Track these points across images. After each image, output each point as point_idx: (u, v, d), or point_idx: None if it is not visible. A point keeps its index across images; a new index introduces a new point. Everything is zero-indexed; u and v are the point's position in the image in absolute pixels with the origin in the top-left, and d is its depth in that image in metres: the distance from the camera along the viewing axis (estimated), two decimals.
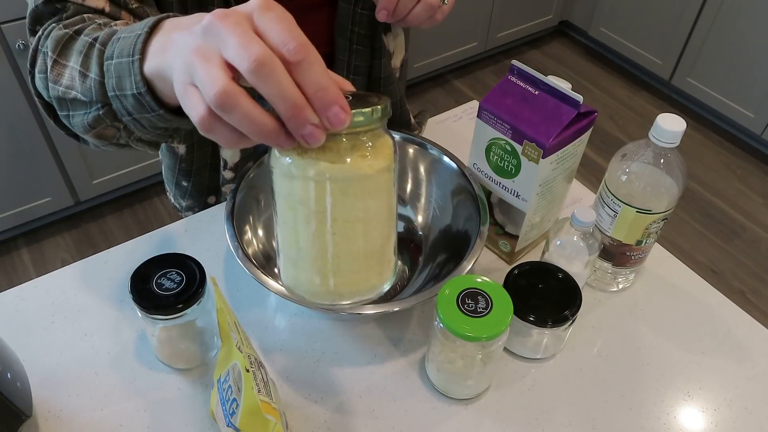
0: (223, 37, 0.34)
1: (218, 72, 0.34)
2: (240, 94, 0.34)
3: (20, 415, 0.57)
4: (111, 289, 0.74)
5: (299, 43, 0.34)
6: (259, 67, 0.33)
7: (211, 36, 0.35)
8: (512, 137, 0.68)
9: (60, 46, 0.55)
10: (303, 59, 0.34)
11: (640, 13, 2.49)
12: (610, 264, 0.75)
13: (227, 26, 0.34)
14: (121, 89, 0.47)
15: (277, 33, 0.34)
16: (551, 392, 0.67)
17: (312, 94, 0.34)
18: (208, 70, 0.34)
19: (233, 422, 0.54)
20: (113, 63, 0.47)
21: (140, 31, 0.45)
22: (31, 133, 1.68)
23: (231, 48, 0.34)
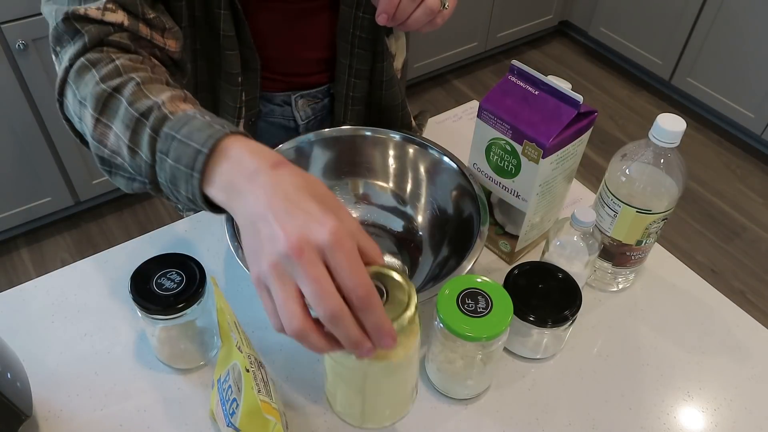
0: (299, 274, 0.40)
1: (295, 308, 0.41)
2: (311, 332, 0.41)
3: (20, 415, 0.57)
4: (111, 289, 0.74)
5: (365, 292, 0.41)
6: (333, 319, 0.40)
7: (288, 264, 0.41)
8: (512, 137, 0.68)
9: (101, 105, 0.55)
10: (366, 306, 0.41)
11: (640, 13, 2.49)
12: (610, 264, 0.75)
13: (304, 267, 0.40)
14: (175, 185, 0.50)
15: (347, 276, 0.41)
16: (551, 392, 0.67)
17: (371, 331, 0.42)
18: (287, 302, 0.41)
19: (233, 422, 0.54)
20: (169, 163, 0.50)
21: (200, 146, 0.47)
22: (31, 133, 1.68)
23: (308, 292, 0.40)
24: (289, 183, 0.44)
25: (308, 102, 0.88)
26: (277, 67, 0.83)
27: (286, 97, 0.87)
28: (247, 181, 0.45)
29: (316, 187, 0.45)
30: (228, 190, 0.47)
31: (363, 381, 0.51)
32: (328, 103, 0.90)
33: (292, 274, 0.41)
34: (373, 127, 0.82)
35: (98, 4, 0.60)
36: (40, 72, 1.60)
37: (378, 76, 0.84)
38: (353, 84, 0.84)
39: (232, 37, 0.73)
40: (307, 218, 0.42)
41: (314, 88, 0.87)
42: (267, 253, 0.42)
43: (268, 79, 0.83)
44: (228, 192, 0.47)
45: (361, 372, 0.49)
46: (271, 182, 0.44)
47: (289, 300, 0.41)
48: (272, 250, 0.41)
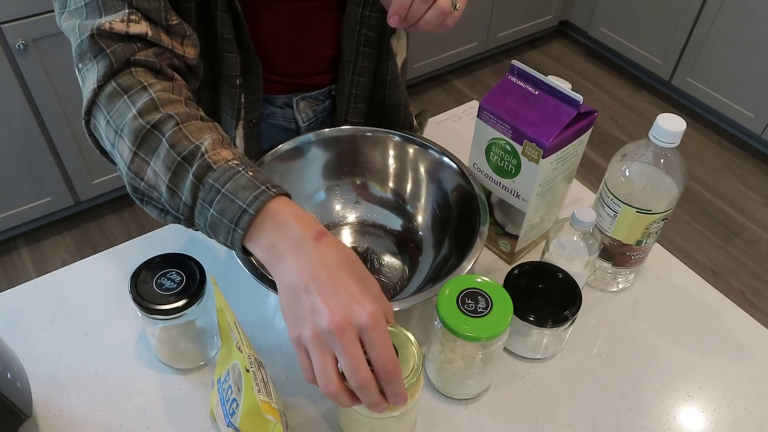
0: (339, 349, 0.47)
1: (333, 375, 0.48)
2: (342, 394, 0.48)
3: (20, 415, 0.57)
4: (111, 289, 0.74)
5: (393, 367, 0.48)
6: (362, 388, 0.48)
7: (330, 338, 0.47)
8: (512, 137, 0.68)
9: (139, 140, 0.56)
10: (392, 378, 0.49)
11: (640, 13, 2.50)
12: (610, 264, 0.75)
13: (344, 344, 0.47)
14: (214, 231, 0.54)
15: (379, 354, 0.48)
16: (551, 392, 0.67)
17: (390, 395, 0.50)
18: (325, 369, 0.48)
19: (233, 422, 0.54)
20: (212, 213, 0.53)
21: (246, 206, 0.51)
22: (31, 133, 1.68)
23: (345, 365, 0.47)
24: (331, 259, 0.50)
25: (310, 104, 0.88)
26: (281, 69, 0.83)
27: (288, 99, 0.87)
28: (291, 249, 0.50)
29: (353, 264, 0.51)
30: (270, 252, 0.51)
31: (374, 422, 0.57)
32: (329, 105, 0.90)
33: (332, 346, 0.47)
34: (374, 126, 0.82)
35: (121, 16, 0.59)
36: (40, 72, 1.60)
37: (382, 75, 0.84)
38: (357, 82, 0.83)
39: (230, 39, 0.73)
40: (350, 299, 0.48)
41: (316, 89, 0.87)
42: (310, 323, 0.48)
43: (271, 81, 0.83)
44: (270, 254, 0.51)
45: (372, 417, 0.56)
46: (316, 255, 0.50)
47: (327, 367, 0.48)
48: (316, 321, 0.47)
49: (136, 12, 0.60)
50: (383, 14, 0.78)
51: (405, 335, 0.56)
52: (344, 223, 0.82)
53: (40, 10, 1.52)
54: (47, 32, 1.55)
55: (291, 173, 0.79)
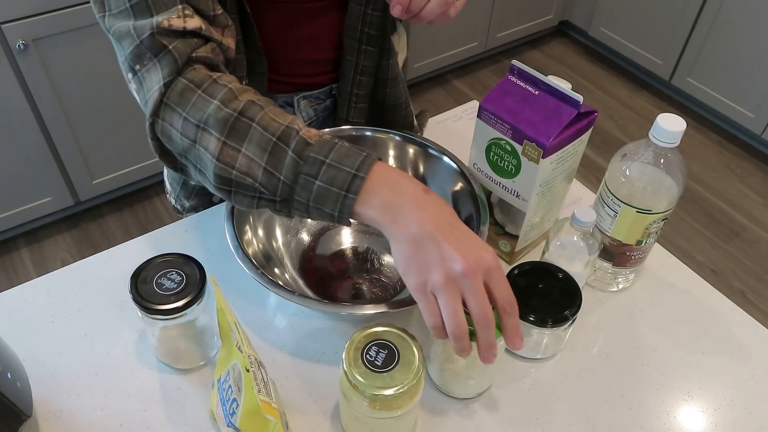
0: (471, 289, 0.51)
1: (463, 317, 0.52)
2: (466, 335, 0.52)
3: (20, 415, 0.57)
4: (111, 289, 0.74)
5: (515, 302, 0.54)
6: (486, 325, 0.52)
7: (462, 280, 0.51)
8: (512, 137, 0.68)
9: (228, 128, 0.57)
10: (514, 312, 0.54)
11: (640, 13, 2.50)
12: (610, 264, 0.75)
13: (476, 285, 0.51)
14: (320, 204, 0.56)
15: (504, 291, 0.53)
16: (551, 392, 0.67)
17: (510, 330, 0.54)
18: (456, 310, 0.51)
19: (233, 422, 0.54)
20: (318, 185, 0.55)
21: (355, 171, 0.54)
22: (31, 133, 1.68)
23: (474, 304, 0.52)
24: (448, 212, 0.55)
25: (311, 103, 0.88)
26: (283, 69, 0.83)
27: (289, 99, 0.87)
28: (409, 203, 0.54)
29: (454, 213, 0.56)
30: (385, 210, 0.54)
31: (374, 422, 0.56)
32: (330, 105, 0.90)
33: (462, 288, 0.51)
34: (375, 125, 0.82)
35: (176, 12, 0.59)
36: (40, 72, 1.60)
37: (383, 74, 0.84)
38: (358, 81, 0.83)
39: (238, 41, 0.73)
40: (474, 245, 0.53)
41: (318, 89, 0.87)
42: (442, 269, 0.51)
43: (273, 80, 0.83)
44: (385, 211, 0.54)
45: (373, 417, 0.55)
46: (433, 207, 0.54)
47: (458, 309, 0.51)
48: (449, 267, 0.51)
49: (187, 6, 0.60)
50: (384, 12, 0.78)
51: (405, 336, 0.56)
52: None
53: (40, 10, 1.52)
54: (47, 32, 1.55)
55: None
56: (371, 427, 0.57)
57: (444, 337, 0.53)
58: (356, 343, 0.55)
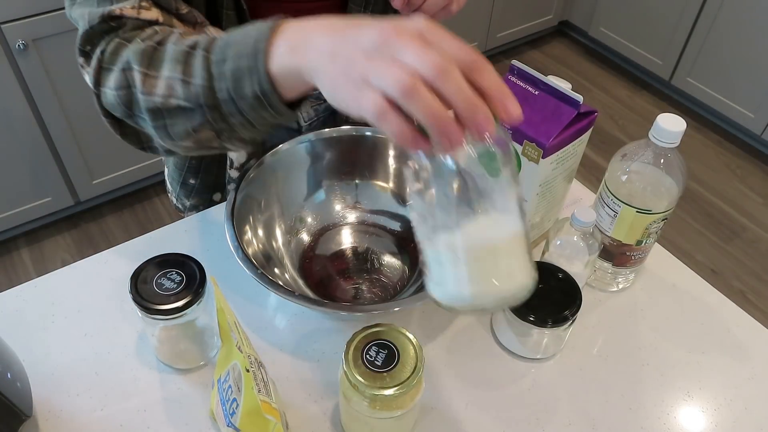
0: (398, 47, 0.39)
1: (400, 71, 0.38)
2: (423, 86, 0.38)
3: (20, 415, 0.57)
4: (111, 289, 0.74)
5: (475, 54, 0.39)
6: (440, 73, 0.38)
7: (386, 47, 0.39)
8: (512, 137, 0.68)
9: (147, 58, 0.55)
10: (481, 66, 0.39)
11: (640, 13, 2.49)
12: (610, 264, 0.75)
13: (404, 40, 0.39)
14: (239, 90, 0.50)
15: (451, 44, 0.39)
16: (551, 392, 0.67)
17: (494, 91, 0.39)
18: (390, 69, 0.38)
19: (233, 422, 0.54)
20: (228, 66, 0.50)
21: (259, 34, 0.48)
22: (31, 133, 1.68)
23: (410, 56, 0.38)
24: (349, 17, 0.45)
25: (311, 103, 0.88)
26: None
27: None
28: (313, 29, 0.46)
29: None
30: (296, 50, 0.46)
31: (374, 422, 0.56)
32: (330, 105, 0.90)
33: (393, 54, 0.39)
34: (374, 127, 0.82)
35: (132, 2, 0.60)
36: (40, 72, 1.60)
37: None
38: None
39: None
40: (390, 22, 0.41)
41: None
42: (359, 56, 0.41)
43: None
44: (297, 51, 0.46)
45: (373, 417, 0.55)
46: (331, 20, 0.45)
47: (393, 67, 0.39)
48: (363, 46, 0.41)
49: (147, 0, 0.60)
50: (385, 14, 0.78)
51: (405, 336, 0.56)
52: (344, 223, 0.82)
53: (40, 10, 1.52)
54: (47, 32, 1.55)
55: (291, 173, 0.79)
56: (371, 427, 0.57)
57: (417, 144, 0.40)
58: (356, 343, 0.55)
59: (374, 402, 0.53)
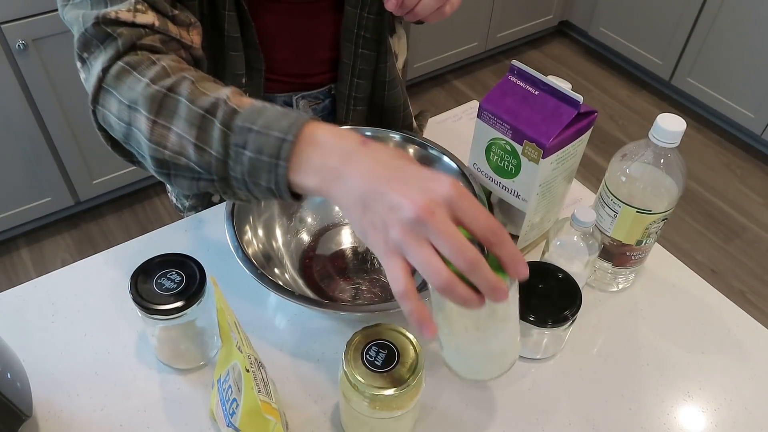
0: (435, 233, 0.42)
1: (439, 263, 0.43)
2: (459, 284, 0.43)
3: (20, 415, 0.57)
4: (111, 289, 0.74)
5: (498, 227, 0.44)
6: (473, 266, 0.42)
7: (421, 227, 0.43)
8: (512, 137, 0.68)
9: (156, 106, 0.54)
10: (502, 240, 0.44)
11: (640, 13, 2.49)
12: (610, 264, 0.75)
13: (437, 226, 0.42)
14: (254, 178, 0.51)
15: (479, 217, 0.44)
16: (551, 392, 0.67)
17: (508, 259, 0.45)
18: (430, 260, 0.43)
19: (233, 422, 0.54)
20: (248, 155, 0.50)
21: (283, 134, 0.48)
22: (31, 133, 1.68)
23: (447, 248, 0.42)
24: (386, 155, 0.47)
25: (309, 103, 0.88)
26: (281, 69, 0.83)
27: (288, 98, 0.87)
28: (344, 162, 0.47)
29: (406, 155, 0.48)
30: (322, 174, 0.48)
31: (374, 422, 0.56)
32: (329, 104, 0.90)
33: (426, 235, 0.43)
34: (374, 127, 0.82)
35: (128, 5, 0.59)
36: (40, 72, 1.60)
37: (381, 77, 0.84)
38: (356, 84, 0.84)
39: (236, 38, 0.73)
40: (422, 180, 0.44)
41: (316, 88, 0.87)
42: (395, 222, 0.44)
43: (271, 80, 0.83)
44: (323, 175, 0.48)
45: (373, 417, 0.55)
46: (369, 158, 0.46)
47: (432, 258, 0.43)
48: (400, 217, 0.43)
49: (142, 2, 0.60)
50: (381, 16, 0.78)
51: (405, 336, 0.56)
52: (344, 223, 0.82)
53: (40, 10, 1.52)
54: (47, 32, 1.55)
55: None
56: (371, 427, 0.57)
57: (412, 306, 0.44)
58: (356, 343, 0.55)
59: (374, 402, 0.53)
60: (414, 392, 0.54)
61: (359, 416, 0.56)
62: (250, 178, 0.51)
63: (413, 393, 0.54)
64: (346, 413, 0.59)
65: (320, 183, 0.48)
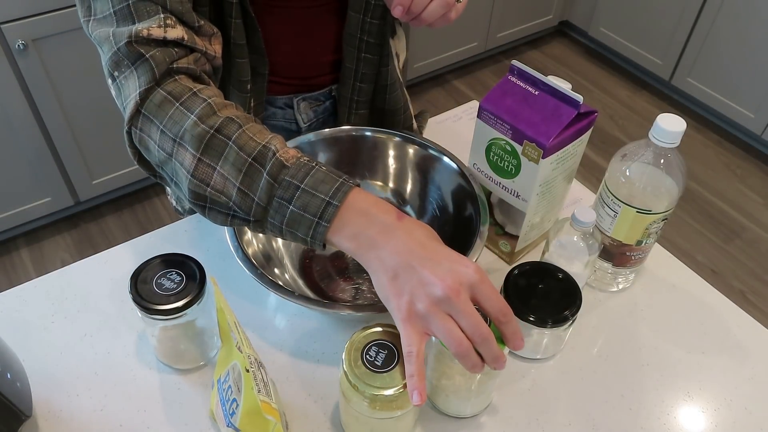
0: (458, 311, 0.50)
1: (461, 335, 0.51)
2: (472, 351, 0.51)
3: (20, 415, 0.57)
4: (111, 289, 0.74)
5: (509, 310, 0.53)
6: (485, 341, 0.51)
7: (446, 304, 0.50)
8: (512, 137, 0.68)
9: (203, 145, 0.56)
10: (509, 320, 0.53)
11: (640, 13, 2.50)
12: (610, 264, 0.75)
13: (462, 305, 0.50)
14: (291, 228, 0.55)
15: (494, 303, 0.52)
16: (551, 392, 0.67)
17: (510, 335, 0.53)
18: (453, 332, 0.51)
19: (233, 422, 0.54)
20: (291, 210, 0.55)
21: (330, 199, 0.54)
22: (31, 133, 1.68)
23: (467, 324, 0.51)
24: (421, 234, 0.54)
25: (310, 105, 0.88)
26: (283, 71, 0.83)
27: (288, 100, 0.87)
28: (381, 233, 0.53)
29: (435, 235, 0.55)
30: (359, 240, 0.54)
31: (374, 422, 0.56)
32: (330, 106, 0.90)
33: (449, 311, 0.51)
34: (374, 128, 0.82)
35: (157, 21, 0.58)
36: (40, 72, 1.60)
37: (382, 80, 0.84)
38: (358, 88, 0.84)
39: (242, 45, 0.73)
40: (452, 264, 0.52)
41: (317, 90, 0.87)
42: (424, 296, 0.51)
43: (273, 82, 0.83)
44: (359, 242, 0.54)
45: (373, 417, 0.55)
46: (406, 235, 0.53)
47: (454, 330, 0.51)
48: (430, 292, 0.51)
49: (170, 16, 0.59)
50: (383, 20, 0.78)
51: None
52: None
53: (40, 10, 1.52)
54: (47, 32, 1.55)
55: None
56: (371, 427, 0.57)
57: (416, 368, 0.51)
58: (356, 343, 0.55)
59: (374, 402, 0.53)
60: None
61: (359, 416, 0.56)
62: (288, 227, 0.55)
63: None
64: (346, 413, 0.59)
65: (356, 248, 0.54)
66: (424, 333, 0.52)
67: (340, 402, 0.59)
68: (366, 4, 0.76)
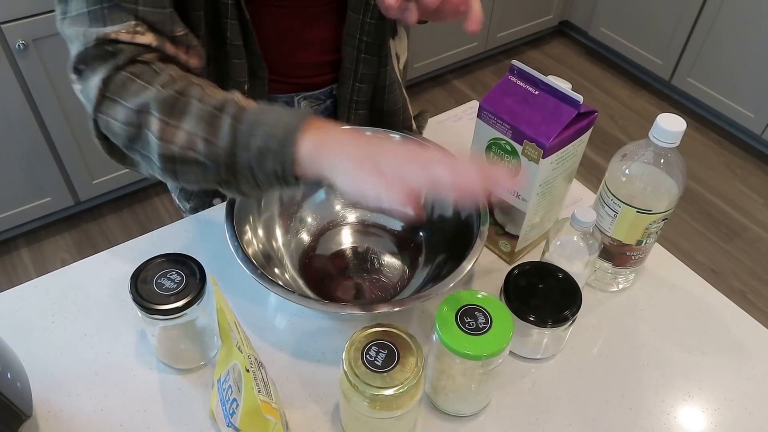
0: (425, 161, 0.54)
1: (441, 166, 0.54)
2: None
3: (20, 415, 0.57)
4: (111, 289, 0.74)
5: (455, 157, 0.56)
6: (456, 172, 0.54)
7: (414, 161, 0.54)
8: (512, 137, 0.68)
9: (168, 107, 0.58)
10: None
11: (640, 13, 2.49)
12: (610, 264, 0.75)
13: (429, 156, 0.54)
14: (260, 165, 0.56)
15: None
16: (551, 392, 0.67)
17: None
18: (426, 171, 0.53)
19: (233, 422, 0.54)
20: (255, 142, 0.56)
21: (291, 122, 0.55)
22: (31, 133, 1.68)
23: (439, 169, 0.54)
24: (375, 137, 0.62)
25: (311, 104, 0.88)
26: (282, 71, 0.83)
27: (289, 99, 0.87)
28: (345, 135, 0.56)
29: None
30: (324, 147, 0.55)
31: (374, 422, 0.56)
32: (330, 105, 0.90)
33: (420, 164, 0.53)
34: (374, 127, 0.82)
35: (127, 27, 0.60)
36: (40, 72, 1.60)
37: (382, 81, 0.84)
38: (358, 89, 0.84)
39: (239, 46, 0.73)
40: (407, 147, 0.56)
41: (318, 89, 0.87)
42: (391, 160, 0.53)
43: (273, 81, 0.83)
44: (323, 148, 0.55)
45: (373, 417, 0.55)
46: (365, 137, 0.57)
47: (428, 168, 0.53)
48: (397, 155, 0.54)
49: (141, 24, 0.60)
50: (382, 20, 0.78)
51: (405, 336, 0.56)
52: (344, 223, 0.82)
53: (40, 10, 1.52)
54: (47, 32, 1.55)
55: None
56: (371, 427, 0.57)
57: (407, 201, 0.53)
58: (356, 343, 0.55)
59: (374, 402, 0.53)
60: (414, 392, 0.54)
61: (359, 416, 0.56)
62: (257, 164, 0.56)
63: (413, 393, 0.54)
64: (346, 413, 0.59)
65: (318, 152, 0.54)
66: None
67: (340, 402, 0.59)
68: (365, 4, 0.76)
